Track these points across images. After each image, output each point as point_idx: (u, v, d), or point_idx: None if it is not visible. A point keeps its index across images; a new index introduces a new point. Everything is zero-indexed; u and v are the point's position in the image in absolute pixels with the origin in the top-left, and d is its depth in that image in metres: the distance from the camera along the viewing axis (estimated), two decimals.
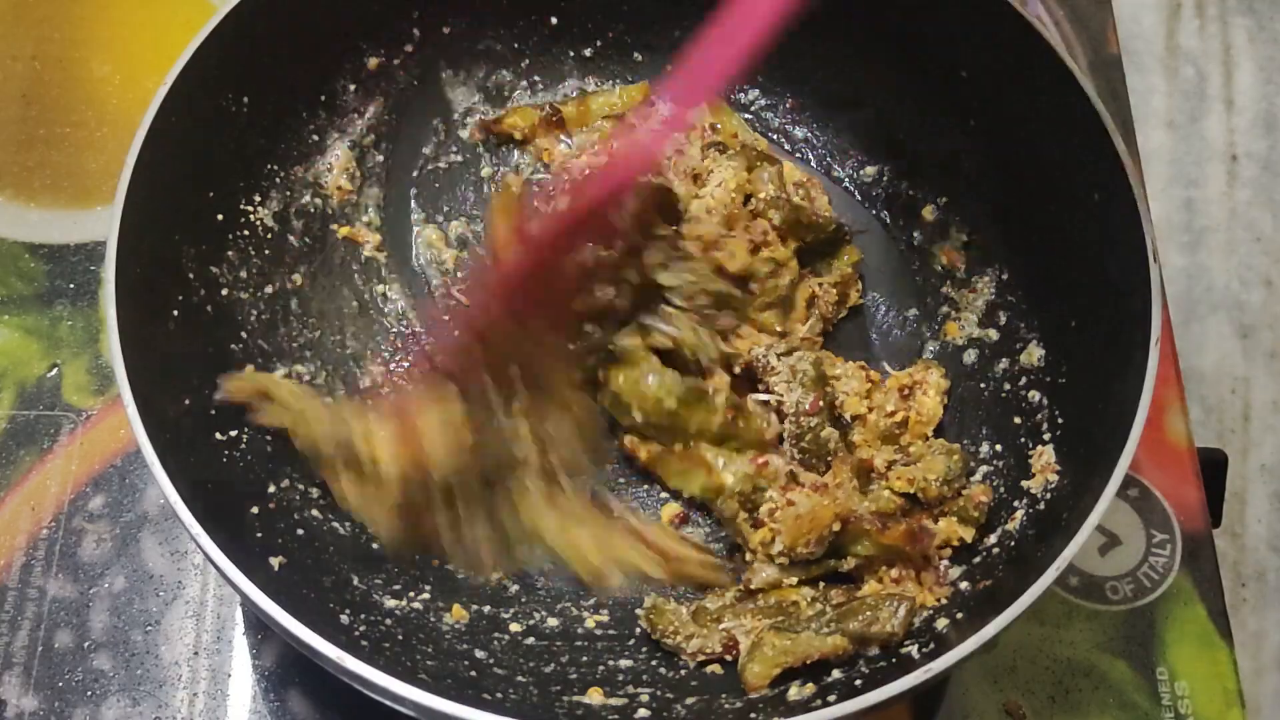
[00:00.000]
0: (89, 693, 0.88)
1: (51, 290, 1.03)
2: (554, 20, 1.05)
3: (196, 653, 0.90)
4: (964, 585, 0.83)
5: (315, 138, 0.99)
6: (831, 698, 0.74)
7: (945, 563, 0.86)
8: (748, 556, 0.87)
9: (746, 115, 1.06)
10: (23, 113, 1.11)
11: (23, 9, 1.16)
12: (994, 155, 0.96)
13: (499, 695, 0.77)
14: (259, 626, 0.90)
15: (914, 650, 0.78)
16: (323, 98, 0.99)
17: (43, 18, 1.16)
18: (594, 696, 0.80)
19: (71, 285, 1.03)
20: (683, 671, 0.84)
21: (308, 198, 0.98)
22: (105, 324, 0.79)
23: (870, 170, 1.04)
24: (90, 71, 1.13)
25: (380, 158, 1.02)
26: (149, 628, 0.90)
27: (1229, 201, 1.65)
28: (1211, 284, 1.60)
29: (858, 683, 0.76)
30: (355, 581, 0.84)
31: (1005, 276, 0.96)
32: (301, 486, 0.86)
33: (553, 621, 0.87)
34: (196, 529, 0.72)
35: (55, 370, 1.00)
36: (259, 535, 0.81)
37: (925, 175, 1.01)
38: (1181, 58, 1.72)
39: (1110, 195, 0.85)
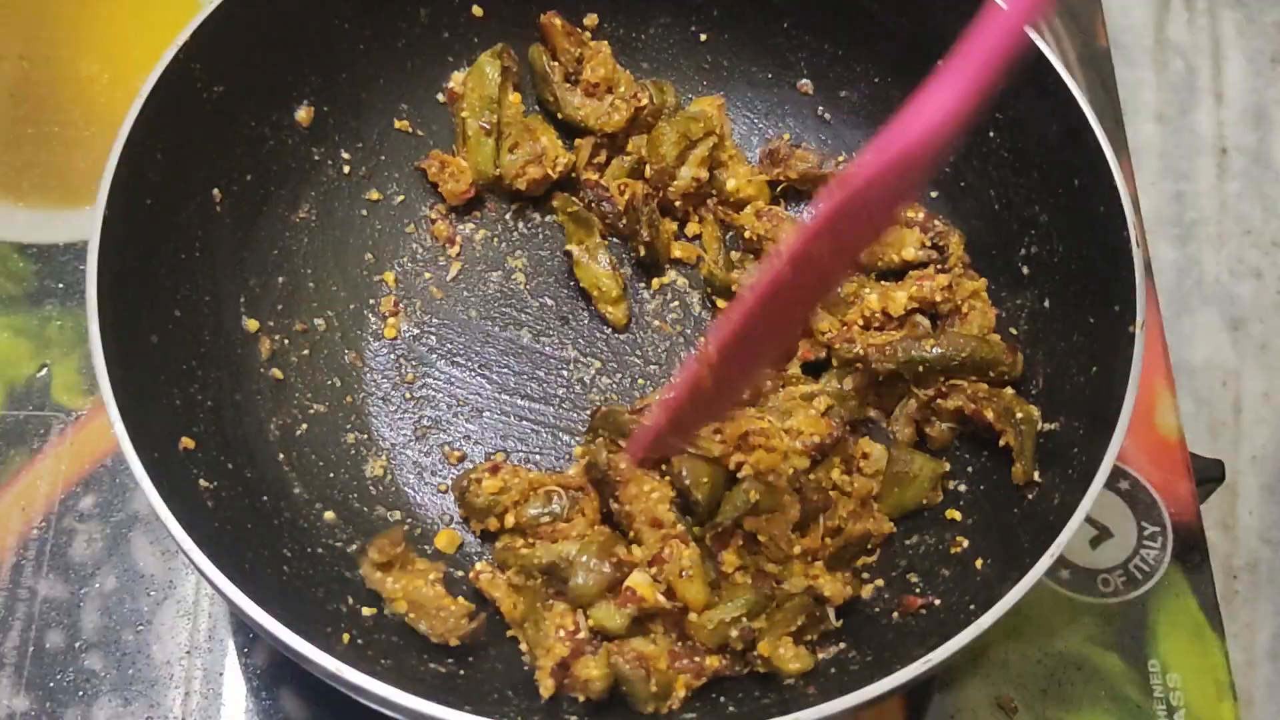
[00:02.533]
0: (80, 693, 0.88)
1: (40, 290, 1.03)
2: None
3: (189, 652, 0.89)
4: (954, 580, 0.83)
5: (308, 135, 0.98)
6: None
7: None
8: None
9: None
10: (10, 112, 1.11)
11: (10, 8, 1.16)
12: (974, 144, 0.95)
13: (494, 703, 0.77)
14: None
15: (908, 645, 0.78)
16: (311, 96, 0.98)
17: (30, 17, 1.15)
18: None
19: (60, 285, 1.03)
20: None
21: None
22: (89, 328, 0.78)
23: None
24: (78, 70, 1.13)
25: (383, 157, 1.02)
26: (140, 627, 0.90)
27: (1219, 194, 1.65)
28: (1201, 277, 1.61)
29: (854, 672, 0.76)
30: (351, 582, 0.84)
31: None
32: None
33: None
34: (180, 534, 0.71)
35: (45, 370, 0.99)
36: None
37: None
38: (1171, 50, 1.72)
39: (1090, 180, 0.85)
